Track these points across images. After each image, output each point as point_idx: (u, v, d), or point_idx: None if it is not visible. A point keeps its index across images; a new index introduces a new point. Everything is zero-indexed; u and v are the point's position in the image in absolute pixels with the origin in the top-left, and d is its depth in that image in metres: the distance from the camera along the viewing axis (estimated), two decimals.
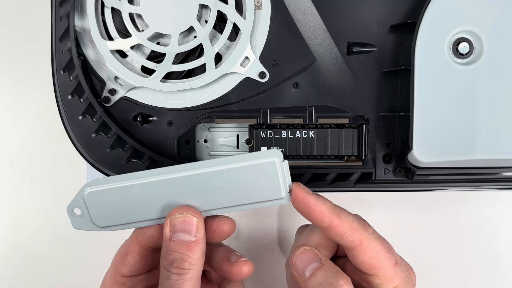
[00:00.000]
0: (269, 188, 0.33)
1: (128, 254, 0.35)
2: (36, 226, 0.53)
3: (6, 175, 0.52)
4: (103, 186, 0.33)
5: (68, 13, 0.39)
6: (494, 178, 0.42)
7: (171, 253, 0.32)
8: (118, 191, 0.33)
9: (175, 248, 0.32)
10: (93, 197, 0.34)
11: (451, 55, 0.38)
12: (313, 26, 0.40)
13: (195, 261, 0.32)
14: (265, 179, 0.33)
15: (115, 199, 0.34)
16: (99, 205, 0.34)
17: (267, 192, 0.34)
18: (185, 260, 0.32)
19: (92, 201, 0.34)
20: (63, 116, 0.40)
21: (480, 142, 0.38)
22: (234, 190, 0.33)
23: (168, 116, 0.41)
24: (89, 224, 0.35)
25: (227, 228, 0.35)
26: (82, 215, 0.34)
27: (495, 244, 0.53)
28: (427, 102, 0.37)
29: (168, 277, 0.32)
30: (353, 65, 0.40)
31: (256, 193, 0.34)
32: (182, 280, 0.32)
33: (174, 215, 0.33)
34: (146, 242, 0.35)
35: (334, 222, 0.33)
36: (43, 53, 0.52)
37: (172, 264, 0.32)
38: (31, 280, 0.53)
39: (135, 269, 0.35)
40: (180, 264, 0.32)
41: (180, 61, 0.40)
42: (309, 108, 0.40)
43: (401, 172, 0.41)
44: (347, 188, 0.41)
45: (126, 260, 0.35)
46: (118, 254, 0.36)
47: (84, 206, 0.34)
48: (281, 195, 0.34)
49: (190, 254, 0.32)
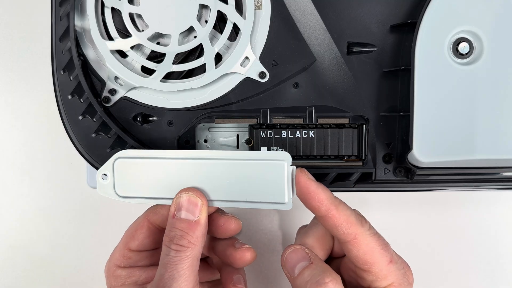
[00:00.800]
0: (274, 190, 0.34)
1: (138, 229, 0.37)
2: (36, 226, 0.53)
3: (6, 175, 0.52)
4: (131, 157, 0.36)
5: (68, 13, 0.39)
6: (494, 178, 0.42)
7: (173, 230, 0.33)
8: (143, 164, 0.35)
9: (177, 225, 0.34)
10: (121, 165, 0.36)
11: (451, 55, 0.38)
12: (313, 26, 0.40)
13: (194, 240, 0.33)
14: (271, 180, 0.34)
15: (138, 171, 0.36)
16: (124, 174, 0.36)
17: (270, 194, 0.34)
18: (184, 238, 0.33)
19: (119, 169, 0.36)
20: (63, 116, 0.40)
21: (480, 142, 0.38)
22: (241, 184, 0.34)
23: (168, 116, 0.41)
24: (111, 191, 0.36)
25: (232, 227, 0.37)
26: (107, 181, 0.36)
27: (495, 244, 0.53)
28: (427, 102, 0.37)
29: (167, 253, 0.33)
30: (353, 65, 0.40)
31: (260, 193, 0.34)
32: (179, 257, 0.33)
33: (181, 194, 0.34)
34: (156, 220, 0.37)
35: (331, 212, 0.33)
36: (43, 53, 0.52)
37: (172, 240, 0.33)
38: (31, 280, 0.53)
39: (142, 244, 0.37)
40: (179, 241, 0.33)
41: (180, 61, 0.40)
42: (309, 108, 0.40)
43: (401, 172, 0.41)
44: (347, 188, 0.41)
45: (135, 234, 0.37)
46: (129, 229, 0.38)
47: (112, 173, 0.36)
48: (283, 200, 0.34)
49: (190, 232, 0.33)
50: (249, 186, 0.34)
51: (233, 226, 0.37)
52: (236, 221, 0.37)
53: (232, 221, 0.37)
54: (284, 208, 0.34)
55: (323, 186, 0.34)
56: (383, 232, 0.35)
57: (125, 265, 0.37)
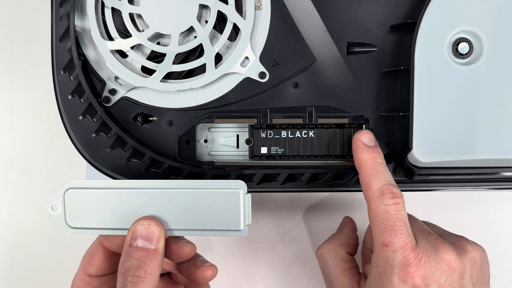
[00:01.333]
0: (230, 218, 0.35)
1: (95, 255, 0.37)
2: (36, 226, 0.53)
3: (6, 175, 0.52)
4: (82, 187, 0.36)
5: (68, 13, 0.39)
6: (494, 178, 0.42)
7: (129, 259, 0.33)
8: (94, 195, 0.35)
9: (134, 254, 0.33)
10: (71, 197, 0.35)
11: (451, 55, 0.38)
12: (313, 26, 0.40)
13: (151, 270, 0.33)
14: (227, 208, 0.35)
15: (90, 202, 0.35)
16: (75, 205, 0.36)
17: (227, 222, 0.35)
18: (141, 267, 0.32)
19: (70, 200, 0.35)
20: (63, 116, 0.40)
21: (480, 142, 0.38)
22: (197, 213, 0.35)
23: (168, 116, 0.41)
24: (62, 223, 0.36)
25: (186, 252, 0.37)
26: (58, 212, 0.36)
27: (495, 244, 0.53)
28: (427, 102, 0.37)
29: (123, 285, 0.32)
30: (353, 65, 0.40)
31: (216, 221, 0.35)
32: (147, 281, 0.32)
33: (138, 222, 0.34)
34: (110, 247, 0.37)
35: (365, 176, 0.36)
36: (43, 53, 0.52)
37: (128, 271, 0.32)
38: (31, 280, 0.53)
39: (101, 269, 0.37)
40: (136, 271, 0.32)
41: (180, 61, 0.40)
42: (309, 108, 0.40)
43: (401, 172, 0.41)
44: (347, 188, 0.41)
45: (92, 260, 0.37)
46: (86, 255, 0.37)
47: (62, 204, 0.36)
48: (239, 227, 0.35)
49: (148, 262, 0.33)
50: (205, 214, 0.35)
51: (186, 251, 0.37)
52: (189, 246, 0.37)
53: (185, 246, 0.37)
54: (240, 235, 0.35)
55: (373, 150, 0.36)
56: None
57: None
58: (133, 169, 0.41)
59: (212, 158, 0.42)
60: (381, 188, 0.34)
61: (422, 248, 0.34)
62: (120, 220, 0.35)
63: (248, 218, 0.35)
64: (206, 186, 0.35)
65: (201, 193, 0.35)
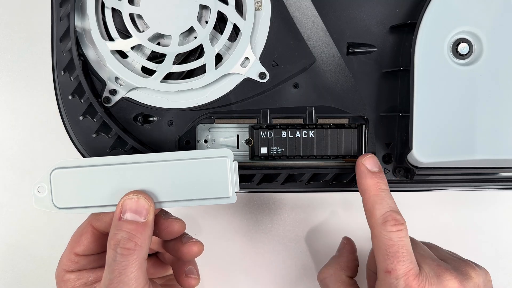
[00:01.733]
0: (218, 186, 0.35)
1: (83, 235, 0.37)
2: (36, 226, 0.53)
3: (6, 175, 0.53)
4: (69, 167, 0.35)
5: (69, 13, 0.39)
6: (494, 178, 0.42)
7: (119, 232, 0.33)
8: (81, 173, 0.35)
9: (124, 227, 0.33)
10: (58, 177, 0.35)
11: (451, 55, 0.38)
12: (313, 27, 0.40)
13: (141, 242, 0.33)
14: (214, 176, 0.35)
15: (77, 181, 0.35)
16: (62, 185, 0.35)
17: (215, 190, 0.35)
18: (131, 240, 0.33)
19: (57, 180, 0.35)
20: (64, 116, 0.40)
21: (480, 142, 0.38)
22: (185, 184, 0.35)
23: (168, 117, 0.41)
24: (49, 204, 0.36)
25: (176, 229, 0.37)
26: (44, 194, 0.35)
27: (495, 244, 0.53)
28: (427, 103, 0.37)
29: (114, 258, 0.33)
30: (353, 66, 0.40)
31: (205, 190, 0.35)
32: (127, 261, 0.33)
33: (127, 196, 0.34)
34: (100, 226, 0.37)
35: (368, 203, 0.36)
36: (43, 53, 0.52)
37: (118, 243, 0.33)
38: (31, 280, 0.53)
39: (88, 249, 0.37)
40: (126, 244, 0.33)
41: (181, 62, 0.40)
42: (309, 108, 0.40)
43: (400, 172, 0.41)
44: (347, 188, 0.41)
45: (80, 240, 0.37)
46: (74, 234, 0.38)
47: (49, 185, 0.35)
48: (228, 194, 0.35)
49: (137, 234, 0.33)
50: (194, 184, 0.35)
51: (176, 228, 0.37)
52: (179, 223, 0.37)
53: (175, 223, 0.37)
54: (229, 201, 0.35)
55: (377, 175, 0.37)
56: None
57: (73, 269, 0.37)
58: None
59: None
60: (384, 215, 0.35)
61: (425, 275, 0.34)
62: (108, 197, 0.35)
63: (236, 185, 0.35)
64: (193, 156, 0.35)
65: (188, 164, 0.35)
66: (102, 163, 0.35)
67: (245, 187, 0.41)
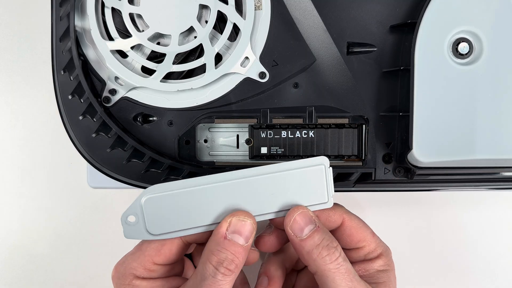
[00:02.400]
0: (315, 192, 0.36)
1: (166, 245, 0.36)
2: (36, 226, 0.53)
3: (6, 175, 0.53)
4: (160, 192, 0.34)
5: (69, 13, 0.39)
6: (494, 178, 0.42)
7: (223, 251, 0.33)
8: (175, 197, 0.34)
9: (229, 247, 0.33)
10: (149, 204, 0.34)
11: (451, 55, 0.38)
12: (313, 26, 0.40)
13: (240, 265, 0.34)
14: (311, 184, 0.35)
15: (170, 206, 0.34)
16: (155, 212, 0.34)
17: (312, 197, 0.36)
18: (234, 262, 0.33)
19: (149, 208, 0.34)
20: (64, 116, 0.40)
21: (480, 142, 0.38)
22: (283, 195, 0.35)
23: (168, 116, 0.41)
24: (142, 232, 0.35)
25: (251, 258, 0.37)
26: (136, 223, 0.35)
27: (495, 244, 0.53)
28: (427, 102, 0.37)
29: (214, 275, 0.33)
30: (353, 65, 0.40)
31: (302, 198, 0.35)
32: (225, 281, 0.33)
33: (237, 216, 0.34)
34: (190, 239, 0.36)
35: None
36: (43, 53, 0.52)
37: (222, 263, 0.33)
38: (31, 280, 0.53)
39: (170, 259, 0.36)
40: (229, 265, 0.33)
41: (180, 61, 0.40)
42: (309, 108, 0.40)
43: (401, 172, 0.41)
44: (347, 188, 0.41)
45: (163, 250, 0.36)
46: (155, 242, 0.36)
47: (141, 214, 0.34)
48: (325, 200, 0.36)
49: (239, 257, 0.33)
50: (292, 194, 0.35)
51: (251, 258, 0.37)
52: (255, 253, 0.37)
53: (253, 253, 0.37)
54: (326, 206, 0.36)
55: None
56: (383, 231, 0.35)
57: (147, 276, 0.36)
58: (133, 169, 0.41)
59: (212, 158, 0.42)
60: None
61: None
62: (206, 217, 0.35)
63: (331, 190, 0.36)
64: (291, 167, 0.35)
65: (286, 175, 0.35)
66: (193, 185, 0.34)
67: None
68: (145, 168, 0.40)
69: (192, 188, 0.34)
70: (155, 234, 0.35)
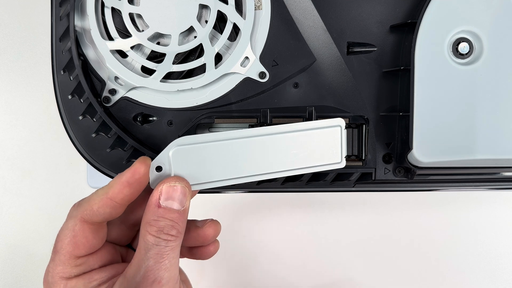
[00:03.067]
0: (330, 153, 0.37)
1: (77, 234, 0.34)
2: (36, 226, 0.53)
3: (6, 175, 0.53)
4: (188, 144, 0.35)
5: (68, 13, 0.39)
6: (494, 178, 0.42)
7: (161, 220, 0.33)
8: (200, 150, 0.35)
9: (165, 214, 0.33)
10: (177, 155, 0.35)
11: (451, 55, 0.38)
12: (313, 26, 0.40)
13: (182, 230, 0.33)
14: (328, 145, 0.37)
15: (196, 158, 0.35)
16: (182, 163, 0.35)
17: (327, 157, 0.37)
18: (174, 227, 0.33)
19: (176, 159, 0.35)
20: (63, 116, 0.40)
21: (480, 142, 0.38)
22: (300, 153, 0.37)
23: (168, 116, 0.41)
24: None
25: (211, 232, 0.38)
26: (163, 173, 0.35)
27: (495, 244, 0.53)
28: (427, 102, 0.37)
29: (157, 243, 0.32)
30: (353, 65, 0.40)
31: (318, 157, 0.37)
32: (170, 246, 0.33)
33: (167, 183, 0.34)
34: (97, 218, 0.34)
35: None
36: (43, 53, 0.52)
37: (162, 230, 0.33)
38: (31, 280, 0.53)
39: (91, 246, 0.35)
40: (170, 231, 0.33)
41: (180, 61, 0.40)
42: (309, 108, 0.40)
43: (401, 172, 0.41)
44: (347, 188, 0.41)
45: (76, 240, 0.34)
46: (62, 239, 0.34)
47: (168, 164, 0.35)
48: (339, 160, 0.37)
49: (179, 222, 0.33)
50: (308, 153, 0.37)
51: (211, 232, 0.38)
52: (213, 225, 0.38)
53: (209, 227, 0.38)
54: (339, 166, 0.37)
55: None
56: (383, 232, 0.35)
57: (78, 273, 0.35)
58: None
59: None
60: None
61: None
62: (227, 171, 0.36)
63: (345, 151, 0.38)
64: (308, 127, 0.37)
65: (304, 134, 0.36)
66: (219, 139, 0.35)
67: (245, 187, 0.41)
68: None
69: (217, 142, 0.35)
70: None
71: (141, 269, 0.33)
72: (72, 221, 0.35)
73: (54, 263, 0.35)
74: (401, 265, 0.52)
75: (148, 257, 0.33)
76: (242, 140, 0.36)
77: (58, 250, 0.34)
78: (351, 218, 0.52)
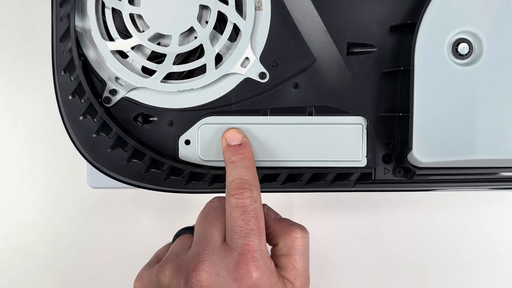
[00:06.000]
0: (350, 150, 0.39)
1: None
2: (36, 226, 0.53)
3: (6, 175, 0.53)
4: (215, 123, 0.40)
5: (69, 13, 0.39)
6: (494, 178, 0.42)
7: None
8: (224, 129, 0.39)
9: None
10: (204, 132, 0.39)
11: (451, 55, 0.38)
12: (313, 27, 0.40)
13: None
14: (348, 141, 0.39)
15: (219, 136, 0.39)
16: (208, 140, 0.40)
17: (347, 153, 0.39)
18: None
19: (203, 135, 0.39)
20: (64, 116, 0.40)
21: (480, 142, 0.38)
22: (323, 146, 0.39)
23: (168, 117, 0.41)
24: (195, 156, 0.40)
25: None
26: (190, 147, 0.40)
27: (495, 244, 0.53)
28: (427, 103, 0.38)
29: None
30: (353, 66, 0.40)
31: (338, 152, 0.39)
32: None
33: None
34: None
35: None
36: (43, 53, 0.52)
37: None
38: (31, 280, 0.53)
39: None
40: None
41: (181, 62, 0.40)
42: (309, 108, 0.40)
43: (400, 172, 0.41)
44: (347, 188, 0.41)
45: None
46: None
47: (195, 139, 0.40)
48: (359, 158, 0.39)
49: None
50: (329, 147, 0.39)
51: None
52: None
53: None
54: (359, 165, 0.40)
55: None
56: (383, 231, 0.35)
57: None
58: (134, 170, 0.41)
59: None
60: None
61: None
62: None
63: (365, 150, 0.39)
64: (330, 122, 0.39)
65: (327, 128, 0.39)
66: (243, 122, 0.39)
67: None
68: (145, 168, 0.41)
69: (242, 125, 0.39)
70: (204, 159, 0.40)
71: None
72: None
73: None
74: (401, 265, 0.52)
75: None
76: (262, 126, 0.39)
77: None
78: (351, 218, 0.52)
